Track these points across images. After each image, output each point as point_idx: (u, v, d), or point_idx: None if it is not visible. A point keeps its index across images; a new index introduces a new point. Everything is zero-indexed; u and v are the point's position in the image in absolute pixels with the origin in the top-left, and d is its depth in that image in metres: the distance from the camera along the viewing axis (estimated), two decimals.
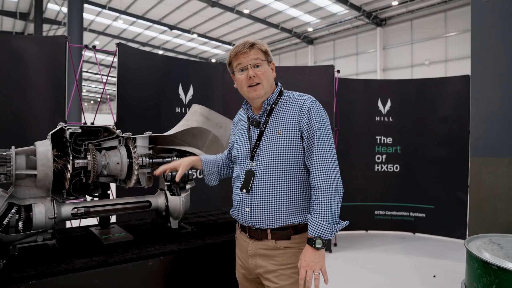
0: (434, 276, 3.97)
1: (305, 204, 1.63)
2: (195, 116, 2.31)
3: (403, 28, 20.13)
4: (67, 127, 1.88)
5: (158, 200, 2.18)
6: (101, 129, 2.06)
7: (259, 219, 1.62)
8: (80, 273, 1.59)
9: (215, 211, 2.86)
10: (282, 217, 1.60)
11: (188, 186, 2.26)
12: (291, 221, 1.60)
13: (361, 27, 21.95)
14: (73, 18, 12.78)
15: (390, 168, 5.52)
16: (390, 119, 5.49)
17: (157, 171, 1.88)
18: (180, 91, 4.32)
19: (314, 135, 1.56)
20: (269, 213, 1.60)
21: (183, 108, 4.34)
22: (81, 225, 2.61)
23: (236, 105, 4.39)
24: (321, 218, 1.50)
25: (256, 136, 1.68)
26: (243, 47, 1.62)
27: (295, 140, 1.59)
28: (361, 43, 22.30)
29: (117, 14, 21.84)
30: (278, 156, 1.59)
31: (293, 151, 1.59)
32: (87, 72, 33.50)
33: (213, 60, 29.67)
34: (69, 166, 1.82)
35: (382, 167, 5.54)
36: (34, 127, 3.39)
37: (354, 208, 5.53)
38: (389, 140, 5.50)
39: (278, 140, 1.60)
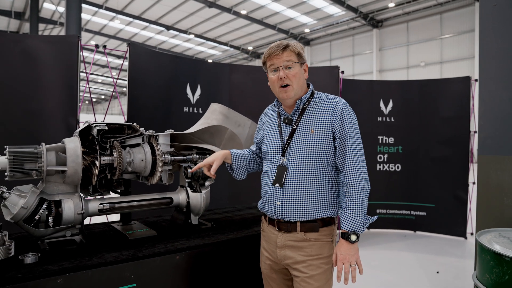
0: (438, 272, 4.05)
1: (332, 199, 1.71)
2: (215, 115, 2.36)
3: (399, 30, 20.33)
4: (94, 124, 1.93)
5: (179, 197, 2.23)
6: (125, 126, 2.11)
7: (289, 212, 1.68)
8: (112, 266, 1.64)
9: (229, 208, 2.92)
10: (311, 211, 1.67)
11: (207, 183, 2.32)
12: (320, 214, 1.68)
13: (357, 29, 22.13)
14: (71, 18, 12.74)
15: (392, 168, 5.61)
16: (392, 119, 5.58)
17: (193, 169, 1.92)
18: (188, 91, 4.37)
19: (346, 136, 1.65)
20: (300, 206, 1.67)
21: (191, 108, 4.39)
22: (95, 222, 2.64)
23: (242, 105, 4.46)
24: (355, 214, 1.59)
25: (288, 133, 1.74)
26: (277, 48, 1.68)
27: (327, 139, 1.67)
28: (358, 44, 22.48)
29: (113, 14, 21.79)
30: (310, 153, 1.67)
31: (325, 149, 1.67)
32: (82, 72, 33.33)
33: (210, 61, 29.66)
34: (97, 163, 1.87)
35: (384, 167, 5.62)
36: (47, 125, 3.42)
37: None
38: (391, 140, 5.59)
39: (311, 138, 1.68)
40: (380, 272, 4.09)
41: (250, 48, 27.34)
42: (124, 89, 45.68)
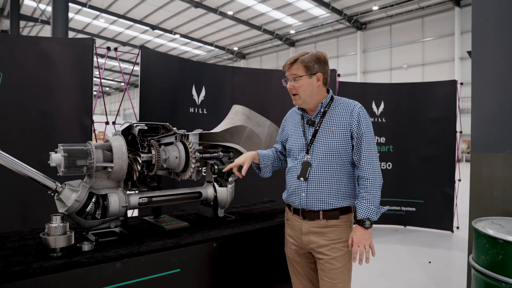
0: (430, 262, 4.36)
1: (350, 191, 1.94)
2: (238, 116, 2.55)
3: (383, 32, 20.89)
4: (135, 124, 2.10)
5: (207, 191, 2.42)
6: (160, 126, 2.28)
7: (313, 202, 1.91)
8: (160, 253, 1.81)
9: (244, 203, 3.12)
10: (332, 201, 1.90)
11: (230, 179, 2.51)
12: (339, 204, 1.91)
13: (342, 30, 22.60)
14: (58, 16, 12.63)
15: (384, 166, 5.91)
16: (384, 120, 5.89)
17: (226, 168, 2.12)
18: (193, 92, 4.54)
19: (362, 136, 1.87)
20: (322, 197, 1.89)
21: (196, 108, 4.56)
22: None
23: (244, 105, 4.64)
24: (369, 203, 1.82)
25: (311, 133, 1.96)
26: (286, 63, 1.94)
27: (346, 139, 1.89)
28: (342, 46, 22.95)
29: (97, 13, 21.56)
30: (331, 151, 1.89)
31: (344, 147, 1.89)
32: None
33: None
34: (139, 159, 2.04)
35: None
36: (62, 125, 3.53)
37: None
38: (383, 139, 5.90)
39: (332, 137, 1.90)
40: (376, 263, 4.36)
41: (235, 48, 27.51)
42: (108, 89, 44.96)
